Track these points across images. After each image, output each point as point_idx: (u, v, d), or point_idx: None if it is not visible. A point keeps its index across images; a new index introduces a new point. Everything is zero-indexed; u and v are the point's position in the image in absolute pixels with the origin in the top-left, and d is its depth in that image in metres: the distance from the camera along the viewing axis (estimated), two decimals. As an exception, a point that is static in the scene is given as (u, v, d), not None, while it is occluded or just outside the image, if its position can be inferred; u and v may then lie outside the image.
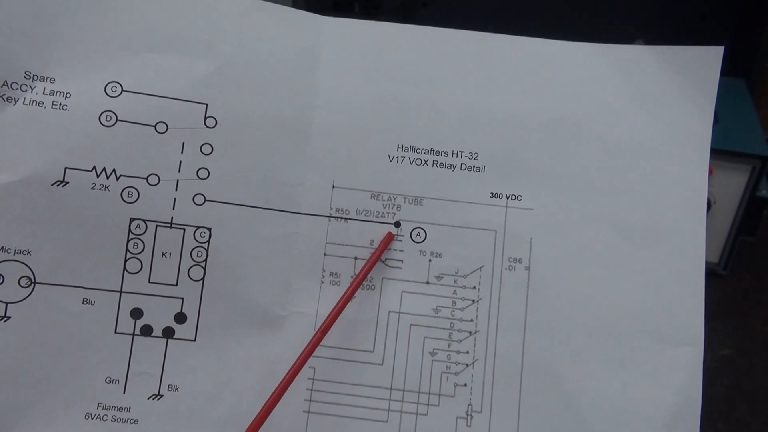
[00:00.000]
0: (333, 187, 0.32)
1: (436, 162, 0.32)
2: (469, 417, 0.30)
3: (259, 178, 0.31)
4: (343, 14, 0.33)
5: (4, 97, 0.30)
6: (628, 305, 0.31)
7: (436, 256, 0.31)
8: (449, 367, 0.31)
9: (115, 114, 0.30)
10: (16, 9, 0.30)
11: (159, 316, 0.30)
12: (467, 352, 0.31)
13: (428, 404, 0.30)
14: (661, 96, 0.32)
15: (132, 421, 0.30)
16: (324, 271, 0.31)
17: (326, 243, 0.31)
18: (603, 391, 0.30)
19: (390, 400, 0.30)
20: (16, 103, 0.30)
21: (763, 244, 0.73)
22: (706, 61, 0.32)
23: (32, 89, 0.30)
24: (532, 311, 0.31)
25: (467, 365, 0.31)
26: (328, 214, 0.31)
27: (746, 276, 0.73)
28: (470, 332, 0.31)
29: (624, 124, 0.32)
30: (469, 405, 0.30)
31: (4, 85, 0.30)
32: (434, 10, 0.74)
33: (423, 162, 0.32)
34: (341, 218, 0.31)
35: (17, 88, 0.30)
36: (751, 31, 0.74)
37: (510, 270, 0.31)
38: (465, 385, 0.30)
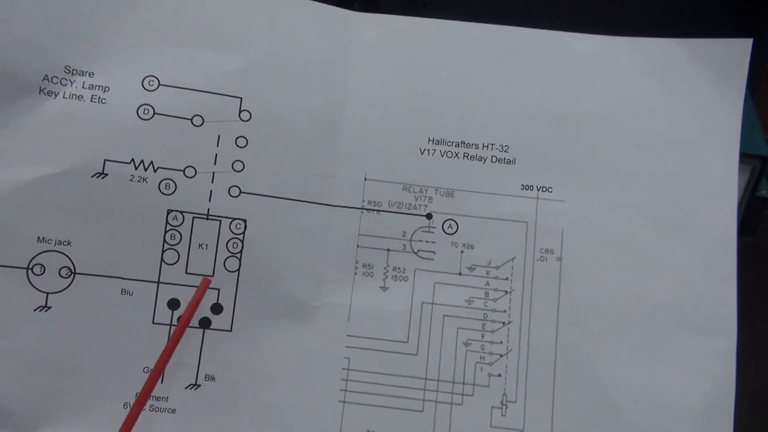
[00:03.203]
0: (365, 179, 0.32)
1: (466, 155, 0.32)
2: (503, 407, 0.31)
3: (292, 170, 0.31)
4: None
5: (45, 91, 0.30)
6: (660, 296, 0.31)
7: (468, 248, 0.32)
8: (483, 358, 0.31)
9: (153, 107, 0.31)
10: (55, 5, 0.30)
11: None
12: (501, 342, 0.31)
13: (463, 394, 0.31)
14: (690, 89, 0.33)
15: (170, 411, 0.30)
16: (357, 262, 0.32)
17: (359, 235, 0.32)
18: (636, 380, 0.30)
19: (425, 390, 0.31)
20: (56, 97, 0.30)
21: (763, 244, 0.74)
22: (734, 54, 0.33)
23: (72, 83, 0.30)
24: (564, 302, 0.31)
25: (501, 355, 0.31)
26: (361, 206, 0.32)
27: (746, 276, 0.74)
28: (503, 323, 0.31)
29: (654, 116, 0.32)
30: (503, 395, 0.31)
31: (44, 79, 0.30)
32: (435, 10, 0.75)
33: (454, 155, 0.32)
34: (373, 210, 0.32)
35: (57, 82, 0.30)
36: (751, 32, 0.75)
37: (542, 261, 0.32)
38: (499, 375, 0.31)
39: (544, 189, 0.32)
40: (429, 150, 0.32)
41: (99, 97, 0.30)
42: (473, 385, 0.31)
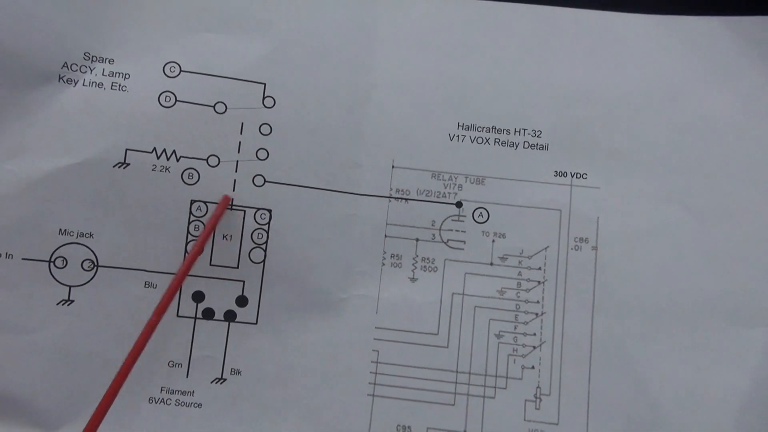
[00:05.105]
0: (393, 167, 0.31)
1: (497, 140, 0.31)
2: (537, 400, 0.30)
3: (318, 158, 0.31)
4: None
5: (64, 79, 0.29)
6: (699, 287, 0.30)
7: (499, 237, 0.31)
8: (516, 350, 0.30)
9: (174, 95, 0.30)
10: None
11: (220, 299, 0.30)
12: (534, 334, 0.30)
13: (495, 387, 0.30)
14: (731, 68, 0.31)
15: (196, 405, 0.29)
16: (385, 252, 0.31)
17: (387, 224, 0.31)
18: (675, 373, 0.29)
19: (456, 383, 0.30)
20: (75, 84, 0.29)
21: None
22: None
23: (91, 70, 0.30)
24: (600, 292, 0.30)
25: (534, 347, 0.30)
26: (389, 195, 0.31)
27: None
28: (537, 314, 0.30)
29: (694, 99, 0.31)
30: (537, 388, 0.30)
31: (63, 66, 0.29)
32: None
33: (484, 140, 0.31)
34: (402, 199, 0.31)
35: (77, 70, 0.29)
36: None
37: (576, 250, 0.31)
38: (533, 367, 0.30)
39: (579, 175, 0.31)
40: (458, 136, 0.31)
41: (119, 85, 0.30)
42: (506, 377, 0.30)
